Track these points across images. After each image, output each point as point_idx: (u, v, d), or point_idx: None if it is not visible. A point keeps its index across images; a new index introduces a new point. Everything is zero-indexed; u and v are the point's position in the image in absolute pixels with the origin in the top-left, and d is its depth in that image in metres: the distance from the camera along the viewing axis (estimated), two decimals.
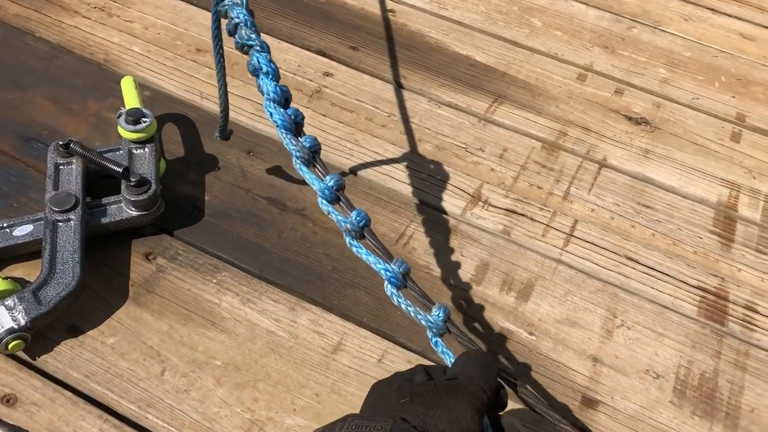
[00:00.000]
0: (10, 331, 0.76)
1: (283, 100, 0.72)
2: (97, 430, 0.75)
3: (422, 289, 0.69)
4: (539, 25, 1.38)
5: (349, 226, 0.69)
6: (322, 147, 0.74)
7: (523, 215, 1.03)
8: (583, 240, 1.00)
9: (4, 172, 0.97)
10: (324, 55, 1.24)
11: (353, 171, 1.05)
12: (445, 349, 0.68)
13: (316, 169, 0.71)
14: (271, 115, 0.71)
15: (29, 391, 0.77)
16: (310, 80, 1.19)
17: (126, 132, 0.92)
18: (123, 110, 0.94)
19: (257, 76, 0.73)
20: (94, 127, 1.05)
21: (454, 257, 0.96)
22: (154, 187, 0.89)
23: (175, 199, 0.97)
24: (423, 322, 0.67)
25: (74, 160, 0.91)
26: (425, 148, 1.10)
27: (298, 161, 0.71)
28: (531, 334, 0.89)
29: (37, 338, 0.80)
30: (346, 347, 0.85)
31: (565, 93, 1.23)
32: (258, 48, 0.73)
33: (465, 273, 0.94)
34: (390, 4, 1.37)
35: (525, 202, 1.04)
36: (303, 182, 1.01)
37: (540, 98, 1.22)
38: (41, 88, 1.10)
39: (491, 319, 0.90)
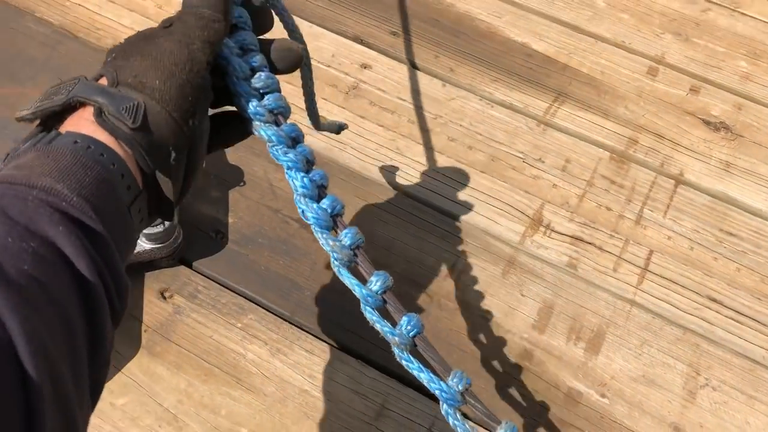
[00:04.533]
0: None
1: (315, 189, 0.59)
2: None
3: (483, 404, 0.56)
4: (603, 6, 1.21)
5: (397, 339, 0.56)
6: (361, 156, 0.61)
7: (591, 244, 0.89)
8: (660, 276, 0.87)
9: None
10: (361, 42, 1.09)
11: (394, 186, 0.92)
12: None
13: (358, 267, 0.58)
14: (303, 212, 0.58)
15: None
16: (346, 73, 1.04)
17: None
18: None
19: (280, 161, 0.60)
20: None
21: (513, 296, 0.84)
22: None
23: (194, 222, 0.85)
24: None
25: None
26: (477, 158, 0.97)
27: (336, 263, 0.58)
28: (603, 396, 0.77)
29: None
30: (390, 412, 0.73)
31: (635, 90, 1.08)
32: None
33: (526, 318, 0.82)
34: None
35: (593, 227, 0.91)
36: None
37: (606, 97, 1.07)
38: (42, 81, 0.97)
39: (557, 376, 0.78)
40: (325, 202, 0.58)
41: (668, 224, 0.93)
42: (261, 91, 0.57)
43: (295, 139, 0.59)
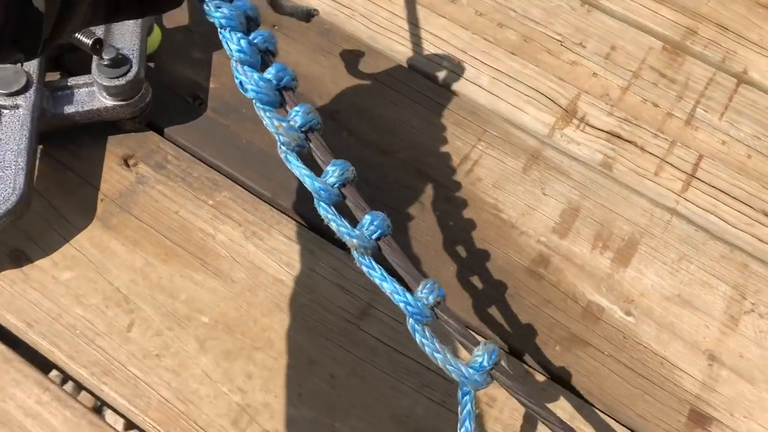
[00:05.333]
0: None
1: (257, 54, 0.46)
2: (34, 401, 0.56)
3: (459, 319, 0.44)
4: None
5: (356, 241, 0.45)
6: (370, 24, 0.49)
7: (630, 142, 0.76)
8: (708, 184, 0.74)
9: None
10: None
11: (405, 62, 0.79)
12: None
13: (314, 154, 0.46)
14: (241, 83, 0.46)
15: None
16: None
17: None
18: None
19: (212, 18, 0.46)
20: None
21: (533, 195, 0.71)
22: (135, 68, 0.65)
23: (169, 83, 0.73)
24: (457, 377, 0.45)
25: None
26: (507, 37, 0.83)
27: (284, 148, 0.46)
28: (628, 313, 0.66)
29: None
30: (376, 312, 0.63)
31: None
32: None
33: (545, 219, 0.70)
34: None
35: (635, 124, 0.78)
36: (340, 76, 0.77)
37: None
38: None
39: (576, 287, 0.66)
40: (270, 72, 0.45)
41: (724, 127, 0.79)
42: None
43: None
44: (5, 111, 0.63)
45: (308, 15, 0.68)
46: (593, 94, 0.79)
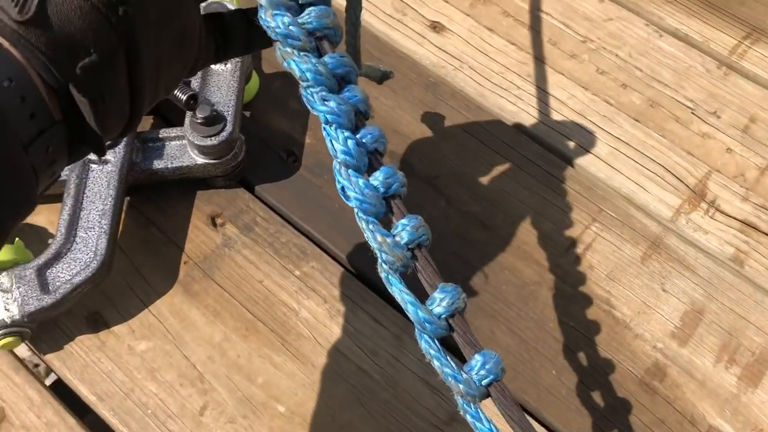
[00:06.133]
0: (1, 325, 0.53)
1: (365, 157, 0.40)
2: None
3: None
4: None
5: (462, 387, 0.38)
6: (480, 79, 0.44)
7: None
8: None
9: None
10: None
11: (515, 124, 0.72)
12: None
13: (420, 275, 0.40)
14: (343, 189, 0.40)
15: (22, 405, 0.56)
16: None
17: None
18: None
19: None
20: None
21: (651, 290, 0.64)
22: (230, 128, 0.62)
23: (264, 138, 0.69)
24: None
25: None
26: (631, 101, 0.75)
27: (385, 267, 0.40)
28: None
29: (47, 325, 0.58)
30: (460, 416, 0.57)
31: None
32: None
33: (664, 320, 0.62)
34: None
35: None
36: (442, 136, 0.71)
37: None
38: None
39: (695, 406, 0.58)
40: (377, 177, 0.40)
41: None
42: (300, 1, 0.39)
43: (343, 78, 0.40)
44: (93, 166, 0.60)
45: (384, 77, 0.62)
46: (726, 174, 0.71)
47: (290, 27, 0.38)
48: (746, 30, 0.81)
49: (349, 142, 0.40)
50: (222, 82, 0.64)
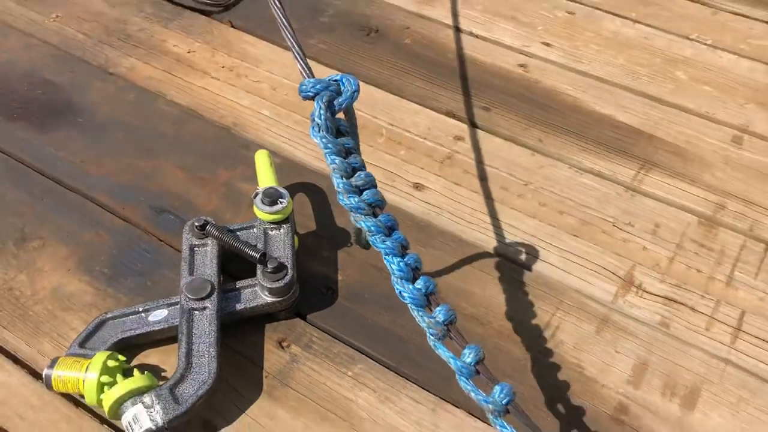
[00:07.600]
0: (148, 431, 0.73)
1: (411, 272, 0.66)
2: None
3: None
4: (685, 79, 1.27)
5: (491, 407, 0.62)
6: (457, 220, 0.68)
7: (682, 304, 0.93)
8: (754, 336, 0.89)
9: (138, 247, 0.96)
10: (454, 117, 1.18)
11: (489, 248, 0.98)
12: None
13: (452, 341, 0.66)
14: (400, 293, 0.66)
15: None
16: (441, 145, 1.13)
17: (262, 213, 0.89)
18: (259, 190, 0.91)
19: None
20: (224, 198, 1.03)
21: (608, 354, 0.87)
22: (291, 272, 0.85)
23: (308, 279, 0.93)
24: None
25: (209, 242, 0.88)
26: (568, 223, 1.02)
27: (432, 338, 0.65)
28: None
29: (177, 429, 0.77)
30: None
31: (721, 158, 1.12)
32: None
33: (621, 373, 0.85)
34: (521, 58, 1.30)
35: (684, 289, 0.94)
36: (438, 263, 0.95)
37: (693, 165, 1.11)
38: (172, 154, 1.09)
39: (653, 430, 0.80)
40: (419, 283, 0.65)
41: (760, 286, 0.95)
42: (360, 188, 0.66)
43: (390, 228, 0.67)
44: (196, 312, 0.82)
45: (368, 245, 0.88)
46: (646, 265, 0.97)
47: (359, 203, 0.65)
48: (640, 163, 1.11)
49: (401, 264, 0.65)
50: (279, 241, 0.89)
